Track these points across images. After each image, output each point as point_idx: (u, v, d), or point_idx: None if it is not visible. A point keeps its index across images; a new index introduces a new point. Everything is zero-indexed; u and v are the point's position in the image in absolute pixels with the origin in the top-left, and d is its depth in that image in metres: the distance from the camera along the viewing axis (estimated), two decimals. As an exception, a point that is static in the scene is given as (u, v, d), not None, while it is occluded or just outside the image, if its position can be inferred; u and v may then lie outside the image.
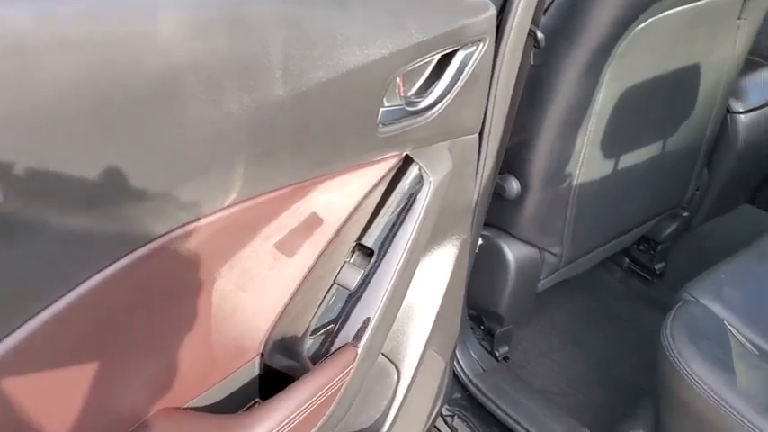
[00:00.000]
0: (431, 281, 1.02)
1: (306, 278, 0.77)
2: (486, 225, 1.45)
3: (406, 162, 0.85)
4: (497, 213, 1.44)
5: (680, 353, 1.13)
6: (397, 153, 0.83)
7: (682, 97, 1.52)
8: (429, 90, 0.82)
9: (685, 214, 1.82)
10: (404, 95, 0.79)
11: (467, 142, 0.96)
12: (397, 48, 0.73)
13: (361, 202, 0.81)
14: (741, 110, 1.71)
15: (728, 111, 1.70)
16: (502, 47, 1.00)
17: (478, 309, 1.60)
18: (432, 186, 0.85)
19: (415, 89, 0.82)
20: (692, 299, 1.28)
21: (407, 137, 0.81)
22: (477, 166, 1.09)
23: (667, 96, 1.46)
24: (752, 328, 1.22)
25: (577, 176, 1.40)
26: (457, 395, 1.47)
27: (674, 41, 1.38)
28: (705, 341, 1.16)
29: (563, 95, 1.28)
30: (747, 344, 1.18)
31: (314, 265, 0.78)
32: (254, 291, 0.71)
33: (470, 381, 1.45)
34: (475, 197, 1.15)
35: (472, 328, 1.70)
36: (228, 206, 0.62)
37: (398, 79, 0.76)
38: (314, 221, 0.76)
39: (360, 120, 0.73)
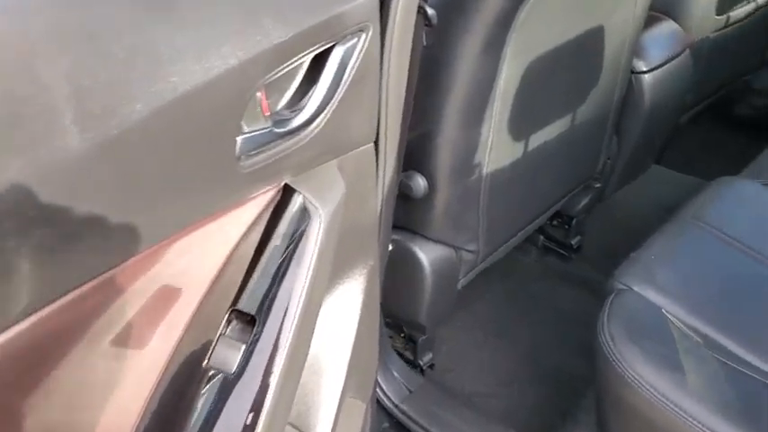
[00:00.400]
0: (339, 322, 0.85)
1: (166, 371, 0.58)
2: (395, 228, 1.29)
3: (287, 194, 0.66)
4: (406, 214, 1.28)
5: (622, 356, 1.02)
6: (272, 186, 0.64)
7: (587, 64, 1.40)
8: (304, 102, 0.64)
9: (597, 185, 1.73)
10: (270, 114, 0.60)
11: (361, 154, 0.78)
12: (252, 53, 0.54)
13: (230, 258, 0.62)
14: (645, 69, 1.62)
15: (633, 71, 1.60)
16: (389, 32, 0.83)
17: (397, 318, 1.44)
18: (323, 219, 0.67)
19: (284, 103, 0.63)
20: (625, 287, 1.17)
21: (283, 164, 0.63)
22: (378, 175, 0.92)
23: (572, 66, 1.34)
24: (691, 311, 1.12)
25: (486, 165, 1.25)
26: (385, 425, 1.31)
27: (575, 6, 1.25)
28: (647, 339, 1.05)
29: (463, 78, 1.12)
30: (689, 332, 1.08)
31: (175, 351, 0.58)
32: (92, 410, 0.52)
33: (396, 407, 1.29)
34: (378, 209, 0.98)
35: (391, 337, 1.54)
36: (19, 321, 0.42)
37: (259, 94, 0.57)
38: (167, 296, 0.56)
39: (210, 156, 0.54)
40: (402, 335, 1.52)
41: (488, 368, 1.59)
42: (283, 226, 0.66)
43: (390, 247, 1.25)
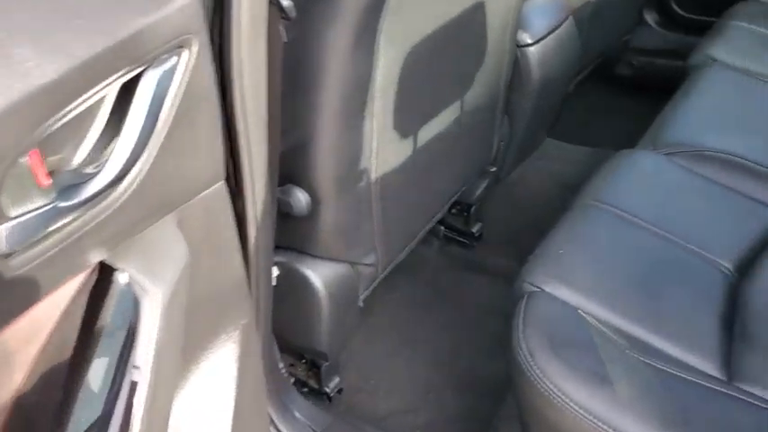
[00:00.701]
0: (208, 404, 0.68)
1: None
2: (279, 249, 1.13)
3: (104, 276, 0.49)
4: (291, 234, 1.12)
5: (543, 372, 0.91)
6: (78, 272, 0.47)
7: (471, 45, 1.27)
8: (106, 154, 0.46)
9: (493, 169, 1.63)
10: (52, 182, 0.42)
11: (208, 199, 0.62)
12: (3, 104, 0.36)
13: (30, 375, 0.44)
14: (530, 41, 1.52)
15: (518, 45, 1.50)
16: (234, 31, 0.67)
17: (295, 347, 1.29)
18: (159, 300, 0.51)
19: (81, 158, 0.46)
20: (536, 289, 1.06)
21: (88, 242, 0.46)
22: (245, 210, 0.76)
23: (455, 49, 1.21)
24: (609, 308, 1.03)
25: (374, 169, 1.11)
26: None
27: (451, -20, 1.12)
28: (568, 349, 0.94)
29: (335, 75, 0.97)
30: (612, 334, 0.99)
31: None
32: None
33: (304, 456, 1.15)
34: (252, 242, 0.82)
35: (292, 365, 1.39)
36: None
37: (26, 159, 0.40)
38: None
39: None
40: (303, 361, 1.37)
41: (403, 381, 1.46)
42: (105, 317, 0.49)
43: (276, 272, 1.09)
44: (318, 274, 1.14)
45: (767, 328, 1.02)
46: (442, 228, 1.78)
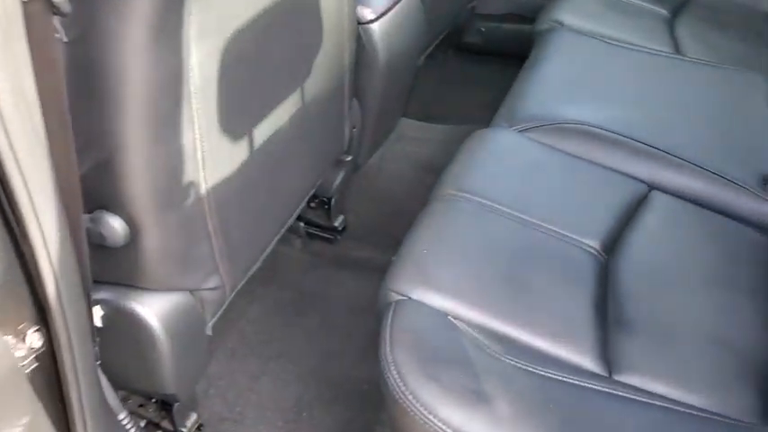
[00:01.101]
0: None
1: None
2: (100, 283, 0.95)
3: None
4: (112, 267, 0.95)
5: (417, 398, 0.81)
6: None
7: (305, 28, 1.13)
8: None
9: (348, 158, 1.51)
10: None
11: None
12: None
13: None
14: (372, 17, 1.39)
15: (359, 23, 1.37)
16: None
17: (138, 394, 1.12)
18: None
19: None
20: (402, 297, 0.96)
21: None
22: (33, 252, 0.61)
23: (286, 34, 1.07)
24: (480, 309, 0.94)
25: (204, 181, 0.95)
26: None
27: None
28: (441, 365, 0.85)
29: (136, 78, 0.80)
30: (484, 339, 0.90)
31: None
32: None
33: None
34: (53, 299, 0.66)
35: (142, 405, 1.22)
36: None
37: None
38: None
39: None
40: (153, 400, 1.20)
41: (272, 402, 1.33)
42: None
43: (100, 313, 0.92)
44: (151, 309, 0.97)
45: (639, 308, 0.98)
46: (302, 224, 1.64)
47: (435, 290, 0.95)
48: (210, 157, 0.95)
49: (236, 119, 0.98)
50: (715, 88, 1.41)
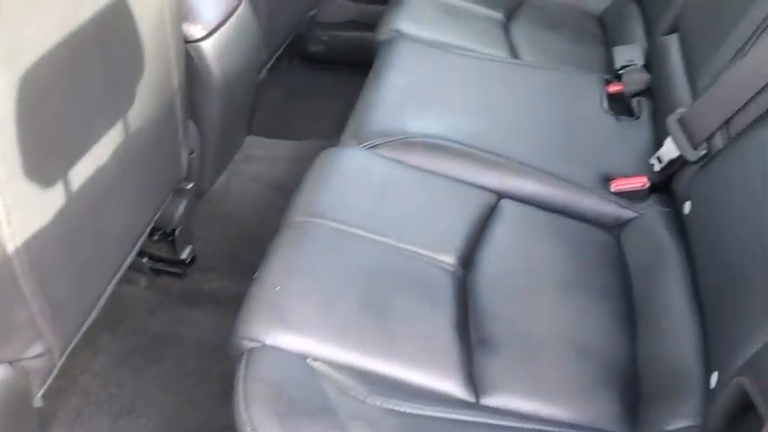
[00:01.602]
0: None
1: None
2: None
3: None
4: None
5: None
6: None
7: (121, 50, 1.02)
8: None
9: (190, 185, 1.40)
10: None
11: None
12: None
13: None
14: (202, 35, 1.29)
15: (187, 41, 1.27)
16: None
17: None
18: None
19: None
20: (255, 343, 0.88)
21: None
22: None
23: (98, 58, 0.95)
24: (341, 346, 0.89)
25: (11, 238, 0.82)
26: None
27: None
28: (303, 419, 0.78)
29: None
30: (347, 380, 0.85)
31: None
32: None
33: None
34: None
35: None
36: None
37: None
38: None
39: None
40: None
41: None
42: None
43: None
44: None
45: (499, 323, 0.97)
46: (146, 260, 1.51)
47: (291, 330, 0.88)
48: (17, 209, 0.82)
49: (45, 162, 0.86)
50: (552, 91, 1.44)
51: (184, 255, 1.51)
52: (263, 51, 1.66)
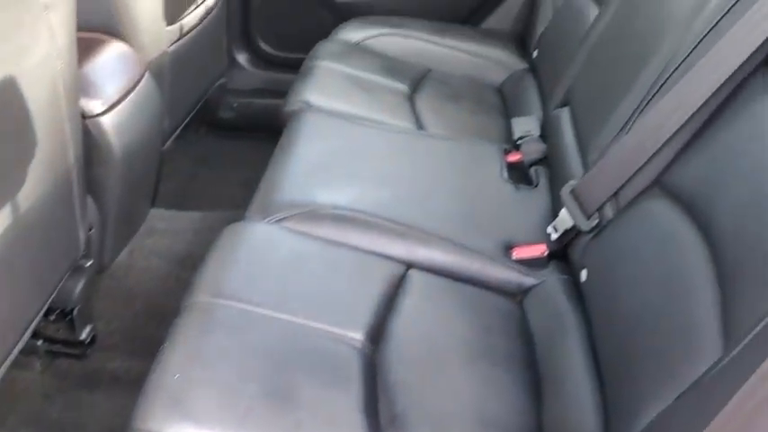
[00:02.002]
0: None
1: None
2: None
3: None
4: None
5: None
6: None
7: (9, 126, 0.98)
8: None
9: (89, 262, 1.34)
10: None
11: None
12: None
13: None
14: (102, 109, 1.27)
15: (85, 117, 1.24)
16: None
17: None
18: None
19: None
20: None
21: None
22: None
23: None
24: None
25: None
26: None
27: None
28: None
29: None
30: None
31: None
32: None
33: None
34: None
35: None
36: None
37: None
38: None
39: None
40: None
41: None
42: None
43: None
44: None
45: (410, 399, 0.96)
46: (41, 342, 1.42)
47: (191, 422, 0.85)
48: None
49: None
50: (456, 161, 1.49)
51: (84, 335, 1.44)
52: (168, 122, 1.64)
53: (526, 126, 1.57)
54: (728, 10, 1.09)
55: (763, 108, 0.93)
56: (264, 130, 1.81)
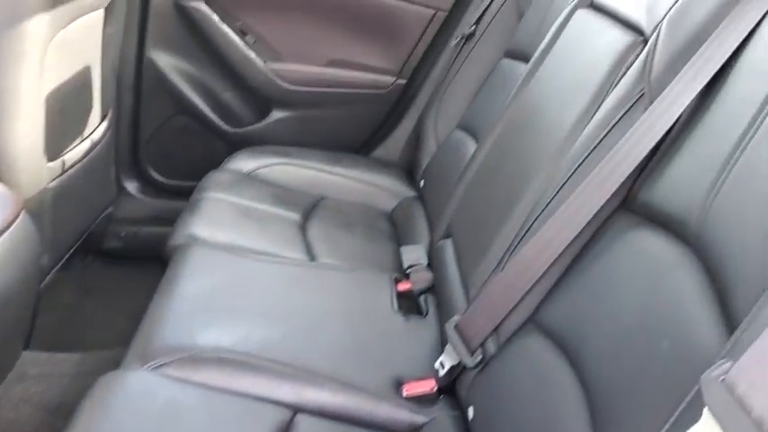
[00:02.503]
0: None
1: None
2: None
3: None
4: None
5: None
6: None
7: None
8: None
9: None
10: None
11: None
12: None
13: None
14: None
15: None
16: None
17: None
18: None
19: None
20: None
21: None
22: None
23: None
24: None
25: None
26: None
27: None
28: None
29: None
30: None
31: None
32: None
33: None
34: None
35: None
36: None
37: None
38: None
39: None
40: None
41: None
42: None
43: None
44: None
45: None
46: None
47: None
48: None
49: None
50: (347, 293, 1.48)
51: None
52: (49, 258, 1.58)
53: (414, 255, 1.61)
54: (590, 153, 1.17)
55: (622, 249, 1.00)
56: (154, 259, 1.77)
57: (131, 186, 2.22)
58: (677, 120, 1.01)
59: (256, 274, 1.49)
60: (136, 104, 2.13)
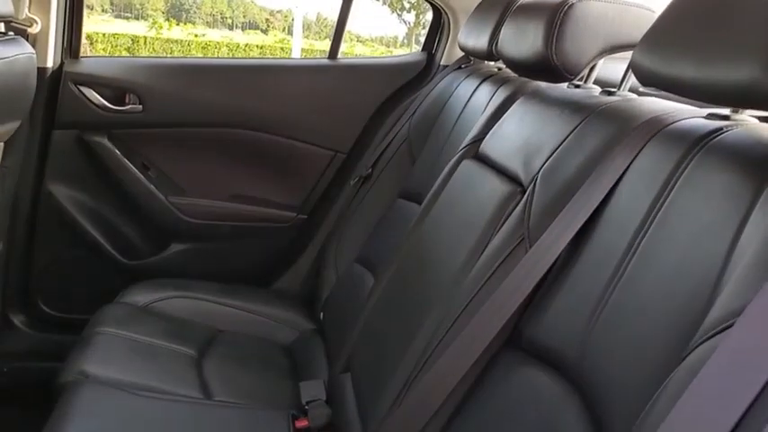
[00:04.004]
0: None
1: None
2: None
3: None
4: None
5: None
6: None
7: None
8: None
9: None
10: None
11: None
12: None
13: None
14: None
15: None
16: None
17: None
18: None
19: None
20: None
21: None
22: None
23: None
24: None
25: None
26: None
27: None
28: None
29: None
30: None
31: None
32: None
33: None
34: None
35: None
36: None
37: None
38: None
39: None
40: None
41: None
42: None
43: None
44: None
45: None
46: None
47: None
48: None
49: None
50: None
51: None
52: None
53: (313, 390, 1.60)
54: (477, 291, 1.25)
55: (510, 385, 1.06)
56: (42, 396, 1.67)
57: (18, 319, 2.11)
58: (554, 263, 1.11)
59: (150, 413, 1.44)
60: (29, 236, 2.08)
